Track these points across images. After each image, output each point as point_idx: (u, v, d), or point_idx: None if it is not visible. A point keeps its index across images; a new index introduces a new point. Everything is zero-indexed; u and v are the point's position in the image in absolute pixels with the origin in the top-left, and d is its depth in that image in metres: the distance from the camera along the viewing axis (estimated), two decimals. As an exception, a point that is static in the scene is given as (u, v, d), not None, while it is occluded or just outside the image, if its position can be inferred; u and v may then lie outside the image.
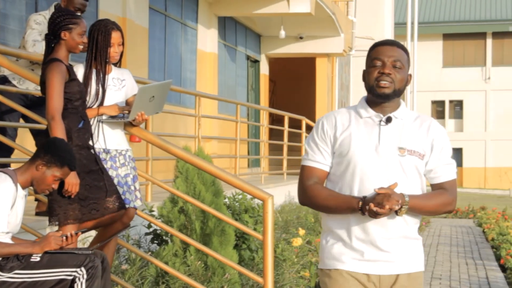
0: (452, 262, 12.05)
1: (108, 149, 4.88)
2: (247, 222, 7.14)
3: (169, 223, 6.09)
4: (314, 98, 20.61)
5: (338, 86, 22.50)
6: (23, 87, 6.20)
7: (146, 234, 6.56)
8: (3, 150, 6.14)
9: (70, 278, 4.05)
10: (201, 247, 5.36)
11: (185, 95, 13.57)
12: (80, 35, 4.53)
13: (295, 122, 16.25)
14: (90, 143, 4.69)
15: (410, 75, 3.40)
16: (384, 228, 3.29)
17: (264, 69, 19.81)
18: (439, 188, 3.38)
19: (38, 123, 5.91)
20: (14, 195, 4.06)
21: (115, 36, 4.90)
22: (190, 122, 12.52)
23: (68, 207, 4.49)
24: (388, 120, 3.33)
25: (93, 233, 5.38)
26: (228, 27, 17.01)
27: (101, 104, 4.87)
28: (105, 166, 4.77)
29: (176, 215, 6.12)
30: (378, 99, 3.33)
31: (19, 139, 6.69)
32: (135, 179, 5.00)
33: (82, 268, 4.08)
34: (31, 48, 6.03)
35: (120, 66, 5.08)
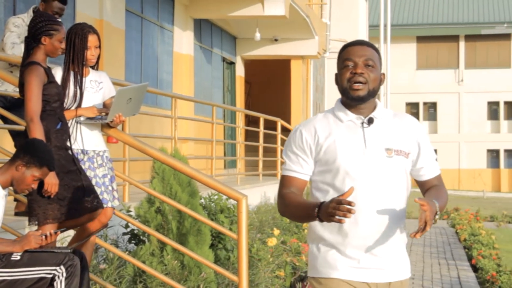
0: (425, 262, 12.24)
1: (86, 150, 4.98)
2: (222, 222, 7.25)
3: (146, 223, 6.18)
4: (289, 100, 20.74)
5: (312, 88, 22.65)
6: (2, 88, 6.27)
7: (124, 234, 6.63)
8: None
9: (50, 276, 4.13)
10: (177, 246, 5.47)
11: (161, 97, 13.64)
12: (60, 41, 4.64)
13: (270, 123, 16.38)
14: (68, 144, 4.78)
15: (384, 74, 3.31)
16: (379, 234, 3.19)
17: (240, 71, 19.92)
18: (429, 184, 3.32)
19: (17, 124, 5.98)
20: (-5, 195, 4.14)
21: (92, 39, 5.01)
22: (166, 123, 12.60)
23: (47, 207, 4.57)
24: (370, 121, 3.23)
25: (71, 232, 5.47)
26: (204, 29, 17.10)
27: (79, 106, 4.98)
28: (83, 167, 4.87)
29: (153, 215, 6.22)
30: (352, 101, 3.23)
31: (-2, 140, 6.75)
32: (112, 179, 5.10)
33: (62, 267, 4.15)
34: (9, 51, 6.11)
35: (97, 69, 5.19)
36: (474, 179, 40.79)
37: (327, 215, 2.96)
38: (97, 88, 5.10)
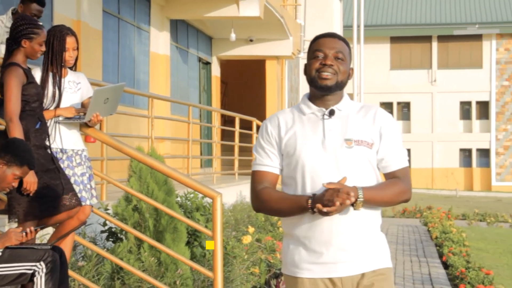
0: (397, 260, 12.42)
1: (65, 149, 5.11)
2: (198, 220, 7.37)
3: (123, 221, 6.28)
4: (264, 100, 20.88)
5: (287, 88, 22.81)
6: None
7: (102, 232, 6.74)
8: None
9: (30, 272, 4.22)
10: (155, 243, 5.59)
11: (138, 97, 13.73)
12: (40, 44, 4.77)
13: (246, 123, 16.51)
14: (47, 143, 4.91)
15: (352, 69, 3.30)
16: (341, 226, 3.14)
17: (216, 71, 20.04)
18: (392, 177, 3.23)
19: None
20: (-24, 193, 4.26)
21: (70, 41, 5.15)
22: (143, 123, 12.70)
23: (27, 204, 4.69)
24: (331, 113, 3.21)
25: (49, 230, 5.58)
26: (180, 29, 17.21)
27: (57, 106, 5.11)
28: (62, 165, 4.99)
29: (130, 213, 6.33)
30: (320, 91, 3.21)
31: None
32: (91, 178, 5.24)
33: (42, 262, 4.25)
34: (-12, 52, 6.20)
35: (75, 70, 5.33)
36: (447, 178, 41.19)
37: (321, 210, 3.02)
38: (75, 88, 5.23)
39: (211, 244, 5.12)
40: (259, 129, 3.36)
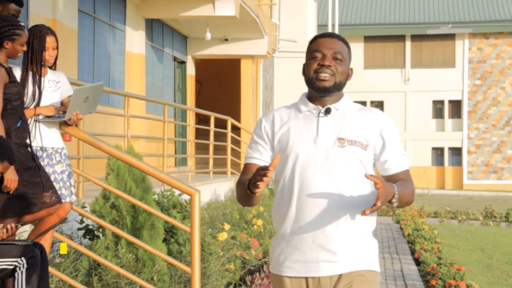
0: (370, 256, 12.59)
1: (45, 147, 5.20)
2: (175, 217, 7.48)
3: (101, 218, 6.37)
4: (239, 99, 20.98)
5: (262, 86, 22.93)
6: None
7: (79, 229, 6.82)
8: None
9: (11, 267, 4.28)
10: (132, 239, 5.69)
11: (113, 96, 13.77)
12: (21, 45, 4.85)
13: (221, 122, 16.61)
14: (28, 141, 4.99)
15: (352, 69, 3.26)
16: (325, 224, 3.10)
17: (191, 70, 20.10)
18: (396, 179, 3.17)
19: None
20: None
21: (50, 40, 5.25)
22: (118, 121, 12.77)
23: (7, 202, 4.76)
24: (327, 111, 3.18)
25: (27, 228, 5.66)
26: (155, 29, 17.26)
27: (37, 104, 5.20)
28: (42, 163, 5.08)
29: (108, 210, 6.41)
30: (318, 92, 3.18)
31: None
32: (70, 175, 5.33)
33: (23, 258, 4.32)
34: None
35: (55, 69, 5.42)
36: (419, 177, 41.56)
37: (252, 185, 3.02)
38: (55, 87, 5.33)
39: (64, 248, 5.19)
40: (255, 126, 3.32)
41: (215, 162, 16.11)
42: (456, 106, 42.78)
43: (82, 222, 6.74)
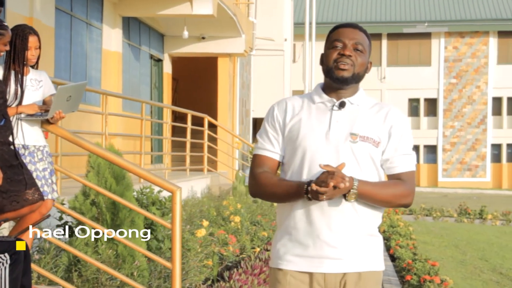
0: (346, 252, 12.72)
1: (27, 145, 5.28)
2: (154, 214, 7.56)
3: (81, 215, 6.44)
4: (216, 96, 21.04)
5: (239, 84, 23.02)
6: None
7: (58, 226, 6.87)
8: None
9: (-5, 263, 4.39)
10: (117, 237, 5.76)
11: (90, 93, 13.80)
12: (4, 44, 4.90)
13: (197, 119, 16.67)
14: (11, 139, 5.06)
15: (371, 62, 3.18)
16: (331, 220, 3.03)
17: (167, 68, 20.14)
18: (396, 179, 3.09)
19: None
20: None
21: (32, 40, 5.33)
22: (94, 119, 12.81)
23: (-10, 199, 4.85)
24: (342, 105, 3.10)
25: (5, 225, 5.72)
26: (132, 27, 17.29)
27: (20, 103, 5.27)
28: (24, 161, 5.15)
29: (88, 207, 6.47)
30: (335, 83, 3.09)
31: None
32: (52, 173, 5.41)
33: (6, 254, 4.38)
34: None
35: (37, 68, 5.50)
36: (395, 174, 41.79)
37: (314, 193, 2.92)
38: (37, 86, 5.40)
39: (22, 245, 5.22)
40: (267, 112, 3.25)
41: (192, 160, 16.17)
42: (431, 104, 43.16)
43: (61, 219, 6.78)
